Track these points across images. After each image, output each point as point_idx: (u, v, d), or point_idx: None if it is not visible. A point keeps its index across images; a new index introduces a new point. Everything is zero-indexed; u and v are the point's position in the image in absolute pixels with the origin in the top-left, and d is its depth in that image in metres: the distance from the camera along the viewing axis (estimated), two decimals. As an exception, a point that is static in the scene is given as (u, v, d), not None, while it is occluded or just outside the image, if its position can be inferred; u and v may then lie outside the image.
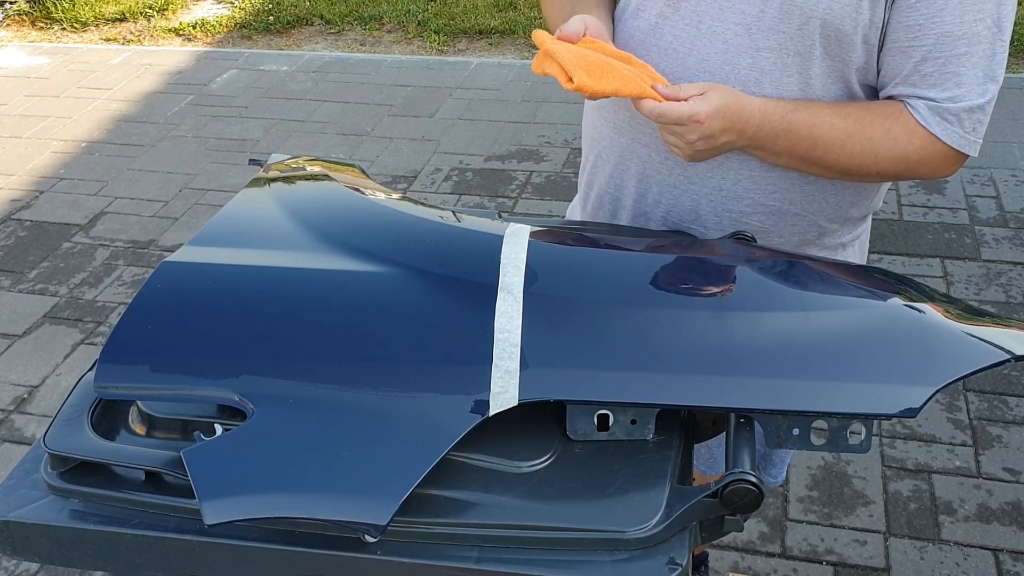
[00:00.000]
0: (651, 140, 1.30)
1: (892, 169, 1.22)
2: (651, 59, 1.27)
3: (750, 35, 1.20)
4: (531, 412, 0.97)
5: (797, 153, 1.20)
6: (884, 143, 1.19)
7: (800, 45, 1.19)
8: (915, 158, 1.21)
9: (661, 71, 1.26)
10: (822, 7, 1.15)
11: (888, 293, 1.06)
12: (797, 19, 1.17)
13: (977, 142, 1.20)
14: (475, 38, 5.19)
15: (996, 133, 3.90)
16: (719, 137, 1.17)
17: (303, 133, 4.19)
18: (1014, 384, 2.60)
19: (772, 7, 1.18)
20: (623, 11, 1.34)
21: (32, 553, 0.96)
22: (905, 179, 1.26)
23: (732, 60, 1.21)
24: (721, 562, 2.13)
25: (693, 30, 1.23)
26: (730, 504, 0.90)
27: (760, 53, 1.20)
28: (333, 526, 0.87)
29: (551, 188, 3.67)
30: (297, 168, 1.33)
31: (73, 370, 2.83)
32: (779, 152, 1.21)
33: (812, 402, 0.93)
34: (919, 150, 1.20)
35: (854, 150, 1.19)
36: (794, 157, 1.21)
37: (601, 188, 1.43)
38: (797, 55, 1.19)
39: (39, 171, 3.97)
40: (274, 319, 0.99)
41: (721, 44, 1.22)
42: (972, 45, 1.15)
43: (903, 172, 1.23)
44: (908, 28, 1.15)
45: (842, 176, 1.26)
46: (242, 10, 5.64)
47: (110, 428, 1.01)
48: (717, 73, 1.22)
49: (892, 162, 1.21)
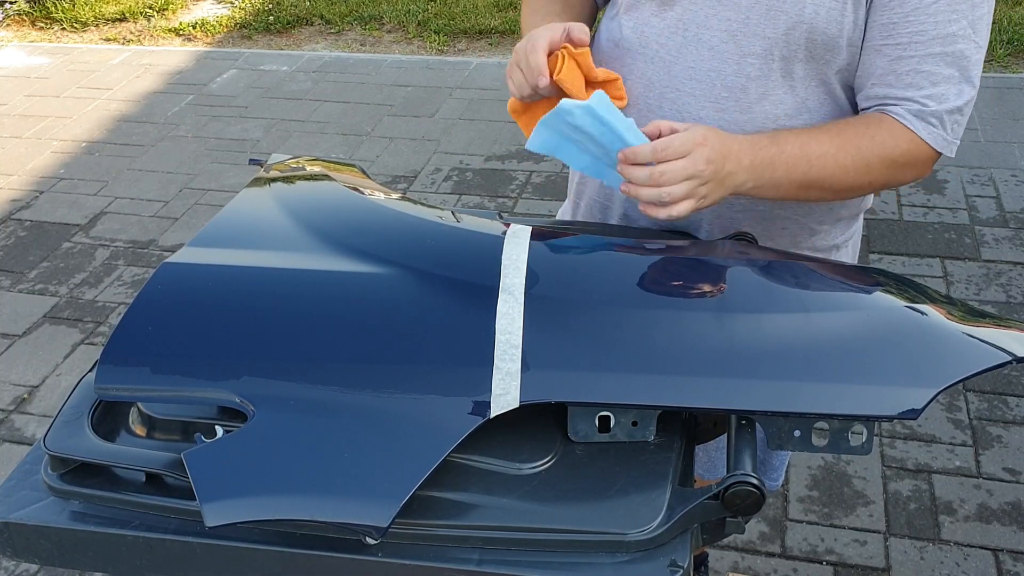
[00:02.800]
0: None
1: (882, 176, 1.22)
2: (636, 67, 1.27)
3: (735, 41, 1.20)
4: (532, 414, 0.97)
5: (795, 177, 1.18)
6: (872, 150, 1.19)
7: (786, 50, 1.19)
8: (902, 161, 1.20)
9: (647, 79, 1.26)
10: (808, 11, 1.15)
11: (889, 294, 1.06)
12: (783, 24, 1.17)
13: (956, 143, 1.21)
14: (475, 38, 5.19)
15: (996, 133, 3.90)
16: (722, 164, 1.11)
17: (303, 133, 4.19)
18: (1014, 384, 2.60)
19: (757, 13, 1.17)
20: (608, 19, 1.34)
21: (32, 555, 0.96)
22: (892, 186, 1.25)
23: (718, 67, 1.21)
24: (721, 562, 2.13)
25: (679, 37, 1.23)
26: (732, 506, 0.90)
27: (746, 59, 1.20)
28: (334, 528, 0.87)
29: (551, 188, 3.67)
30: (297, 168, 1.33)
31: (73, 370, 2.83)
32: (778, 181, 1.18)
33: (814, 404, 0.93)
34: (905, 153, 1.20)
35: (846, 162, 1.18)
36: (793, 183, 1.19)
37: (591, 197, 1.43)
38: (782, 60, 1.20)
39: (39, 171, 3.97)
40: (274, 320, 0.99)
41: (707, 51, 1.21)
42: (947, 45, 1.15)
43: (891, 178, 1.23)
44: (883, 27, 1.16)
45: (840, 195, 1.25)
46: (242, 10, 5.64)
47: (110, 429, 1.00)
48: (703, 80, 1.22)
49: (882, 168, 1.20)
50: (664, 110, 1.26)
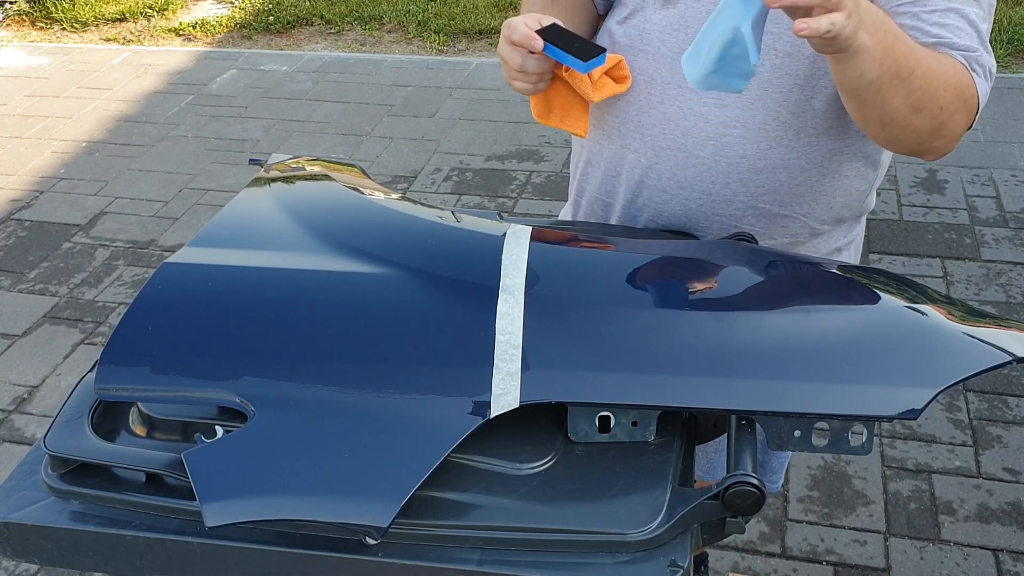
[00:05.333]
0: (640, 146, 1.30)
1: (951, 104, 1.14)
2: (637, 63, 1.28)
3: None
4: (532, 414, 0.97)
5: (897, 54, 1.08)
6: (947, 71, 1.13)
7: (790, 45, 1.19)
8: (965, 95, 1.14)
9: (648, 76, 1.26)
10: None
11: (889, 294, 1.06)
12: (783, 19, 1.17)
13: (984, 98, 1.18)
14: (475, 38, 5.19)
15: (996, 133, 3.90)
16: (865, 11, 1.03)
17: (303, 133, 4.19)
18: (1014, 384, 2.60)
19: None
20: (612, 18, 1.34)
21: (32, 555, 0.96)
22: (945, 131, 1.17)
23: None
24: (721, 562, 2.13)
25: (681, 34, 1.24)
26: (732, 506, 0.90)
27: None
28: (334, 528, 0.87)
29: (551, 188, 3.67)
30: (297, 168, 1.33)
31: (73, 370, 2.83)
32: (886, 46, 1.06)
33: (814, 404, 0.93)
34: (966, 88, 1.15)
35: (934, 66, 1.11)
36: (894, 60, 1.08)
37: (592, 195, 1.43)
38: (786, 55, 1.20)
39: (39, 171, 3.97)
40: (274, 320, 0.99)
41: None
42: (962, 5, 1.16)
43: (955, 113, 1.15)
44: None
45: (913, 111, 1.13)
46: (242, 10, 5.64)
47: (110, 429, 1.00)
48: None
49: (951, 95, 1.13)
50: (666, 106, 1.26)
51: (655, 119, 1.28)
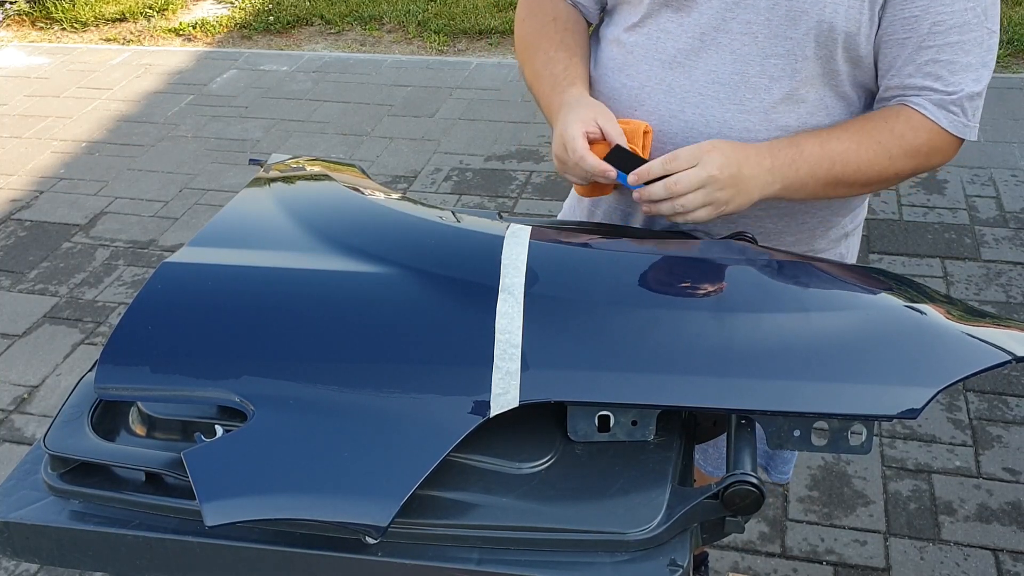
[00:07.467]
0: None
1: (908, 166, 1.23)
2: (655, 73, 1.27)
3: (757, 43, 1.20)
4: (532, 413, 0.97)
5: (820, 175, 1.20)
6: (892, 142, 1.20)
7: (808, 50, 1.20)
8: (925, 150, 1.22)
9: (667, 85, 1.26)
10: (828, 11, 1.16)
11: (889, 294, 1.06)
12: (805, 24, 1.18)
13: (976, 127, 1.23)
14: (475, 38, 5.19)
15: (996, 133, 3.90)
16: (738, 168, 1.14)
17: (303, 133, 4.19)
18: (1014, 384, 2.60)
19: (778, 14, 1.18)
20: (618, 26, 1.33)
21: (32, 554, 0.96)
22: (921, 172, 1.28)
23: (741, 69, 1.22)
24: (721, 562, 2.13)
25: (697, 42, 1.24)
26: (731, 506, 0.90)
27: (769, 60, 1.21)
28: (334, 528, 0.87)
29: (551, 188, 3.67)
30: (297, 168, 1.33)
31: (73, 370, 2.83)
32: (803, 181, 1.20)
33: (813, 403, 0.93)
34: (927, 143, 1.21)
35: (868, 155, 1.20)
36: (819, 182, 1.21)
37: (610, 205, 1.42)
38: (805, 60, 1.20)
39: (39, 171, 3.97)
40: (274, 320, 0.99)
41: (728, 54, 1.22)
42: (964, 33, 1.17)
43: (918, 166, 1.24)
44: (904, 20, 1.18)
45: (867, 188, 1.26)
46: (242, 10, 5.64)
47: (110, 429, 1.00)
48: (727, 83, 1.22)
49: (906, 158, 1.22)
50: (686, 114, 1.26)
51: (677, 128, 1.27)
